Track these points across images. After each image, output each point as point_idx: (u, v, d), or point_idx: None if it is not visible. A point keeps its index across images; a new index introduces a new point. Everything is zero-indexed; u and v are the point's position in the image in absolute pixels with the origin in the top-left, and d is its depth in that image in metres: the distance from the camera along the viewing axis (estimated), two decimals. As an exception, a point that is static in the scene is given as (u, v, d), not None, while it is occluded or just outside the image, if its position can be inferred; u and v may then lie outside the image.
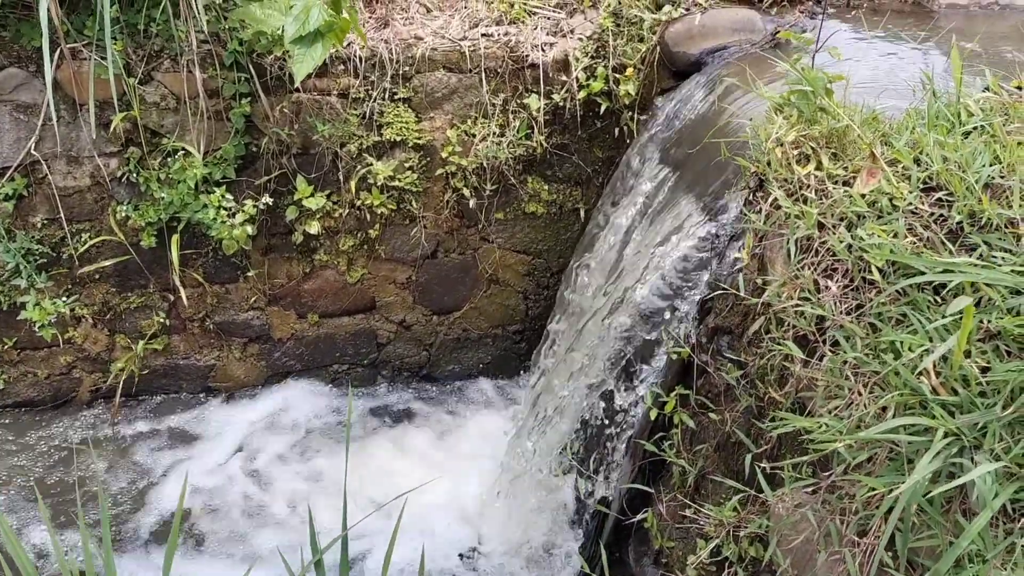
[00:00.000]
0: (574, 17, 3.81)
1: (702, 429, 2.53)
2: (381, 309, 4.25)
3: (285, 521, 3.63)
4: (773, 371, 2.12)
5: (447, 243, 4.11)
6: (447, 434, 4.12)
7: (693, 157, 2.94)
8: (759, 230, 2.21)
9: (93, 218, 3.69)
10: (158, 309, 3.93)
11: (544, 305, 4.32)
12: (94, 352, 3.96)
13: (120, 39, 3.41)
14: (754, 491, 2.10)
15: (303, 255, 3.98)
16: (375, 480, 3.75)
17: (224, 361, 4.16)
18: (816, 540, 1.86)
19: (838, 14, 3.46)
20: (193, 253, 3.81)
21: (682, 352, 2.54)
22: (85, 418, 4.02)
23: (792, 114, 2.23)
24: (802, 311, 1.98)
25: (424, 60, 3.68)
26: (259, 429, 4.07)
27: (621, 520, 2.84)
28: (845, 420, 1.81)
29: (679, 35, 3.35)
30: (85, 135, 3.52)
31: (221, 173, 3.62)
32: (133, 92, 3.42)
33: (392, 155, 3.81)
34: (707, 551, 2.21)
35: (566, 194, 4.03)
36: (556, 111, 3.78)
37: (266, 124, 3.62)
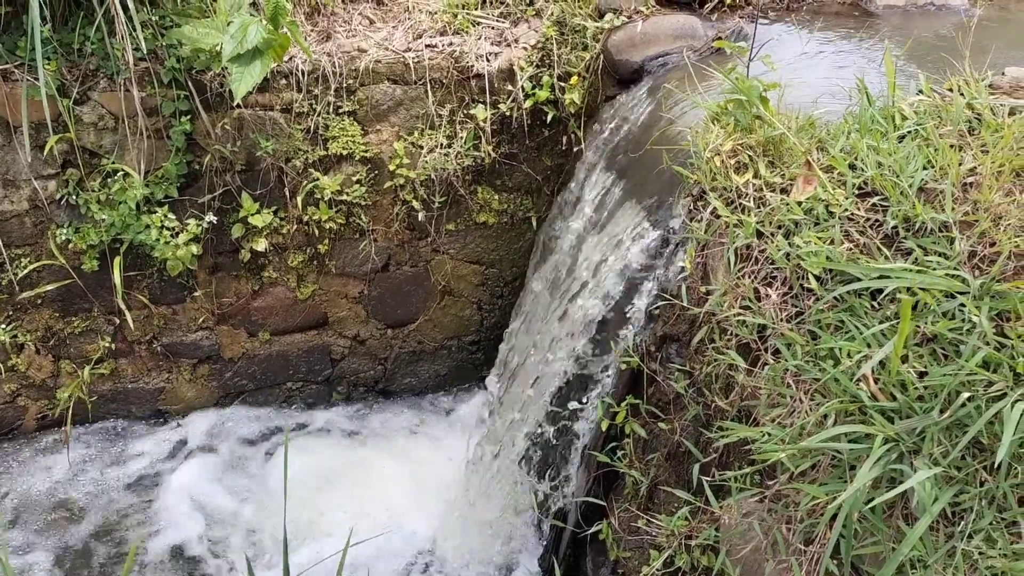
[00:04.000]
0: (518, 26, 3.80)
1: (653, 438, 2.53)
2: (334, 324, 4.20)
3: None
4: (719, 380, 2.13)
5: (399, 256, 4.08)
6: (404, 449, 4.08)
7: (637, 165, 2.95)
8: (701, 239, 2.22)
9: (33, 242, 3.60)
10: (103, 333, 3.84)
11: (499, 315, 4.30)
12: (39, 379, 3.86)
13: (54, 59, 3.32)
14: (703, 502, 2.10)
15: (251, 273, 3.92)
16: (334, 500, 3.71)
17: (174, 383, 4.08)
18: (764, 549, 1.87)
19: (779, 17, 3.49)
20: (137, 275, 3.73)
21: (631, 361, 2.54)
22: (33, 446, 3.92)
23: (729, 123, 2.24)
24: (744, 320, 1.98)
25: (368, 72, 3.65)
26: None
27: (577, 532, 2.83)
28: (788, 428, 1.82)
29: (622, 43, 3.35)
30: (21, 158, 3.43)
31: (163, 192, 3.55)
32: (69, 113, 3.34)
33: (339, 169, 3.77)
34: (660, 561, 2.21)
35: (517, 203, 4.02)
36: (503, 121, 3.77)
37: (208, 141, 3.56)
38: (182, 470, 3.88)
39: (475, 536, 3.51)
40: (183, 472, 3.87)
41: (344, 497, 3.75)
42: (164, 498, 3.76)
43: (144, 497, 3.77)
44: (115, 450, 3.97)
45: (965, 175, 1.95)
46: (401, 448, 4.07)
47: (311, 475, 3.84)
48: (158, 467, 3.91)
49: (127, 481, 3.83)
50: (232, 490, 3.83)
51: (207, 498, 3.77)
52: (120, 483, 3.82)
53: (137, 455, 3.96)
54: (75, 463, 3.87)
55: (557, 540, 3.08)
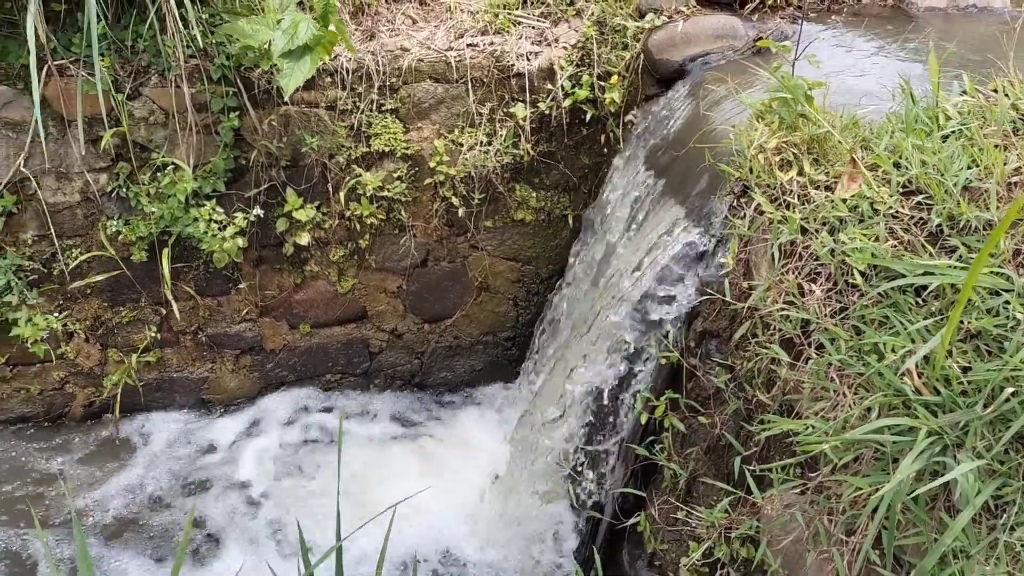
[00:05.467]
0: (558, 26, 3.84)
1: (692, 432, 2.56)
2: (373, 318, 4.27)
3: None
4: (760, 374, 2.16)
5: (437, 251, 4.14)
6: (440, 441, 4.14)
7: (678, 163, 2.98)
8: (744, 235, 2.25)
9: (84, 233, 3.70)
10: (150, 323, 3.94)
11: (535, 311, 4.35)
12: (87, 367, 3.97)
13: (107, 55, 3.42)
14: (744, 493, 2.13)
15: (294, 266, 4.00)
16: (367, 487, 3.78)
17: (217, 373, 4.17)
18: (805, 540, 1.90)
19: (819, 18, 3.51)
20: (184, 266, 3.83)
21: (671, 356, 2.58)
22: (80, 433, 4.03)
23: (773, 121, 2.27)
24: (787, 315, 2.02)
25: (411, 71, 3.71)
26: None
27: (615, 524, 2.87)
28: (831, 421, 1.85)
29: (662, 43, 3.39)
30: (74, 151, 3.53)
31: (211, 186, 3.64)
32: (121, 108, 3.43)
33: (381, 166, 3.84)
34: (699, 553, 2.24)
35: (554, 201, 4.06)
36: (542, 119, 3.81)
37: (255, 137, 3.64)
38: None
39: (510, 527, 3.55)
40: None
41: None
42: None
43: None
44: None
45: (1010, 174, 1.97)
46: (441, 438, 4.13)
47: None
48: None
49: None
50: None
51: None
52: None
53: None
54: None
55: (593, 533, 3.12)
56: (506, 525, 3.46)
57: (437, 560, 3.51)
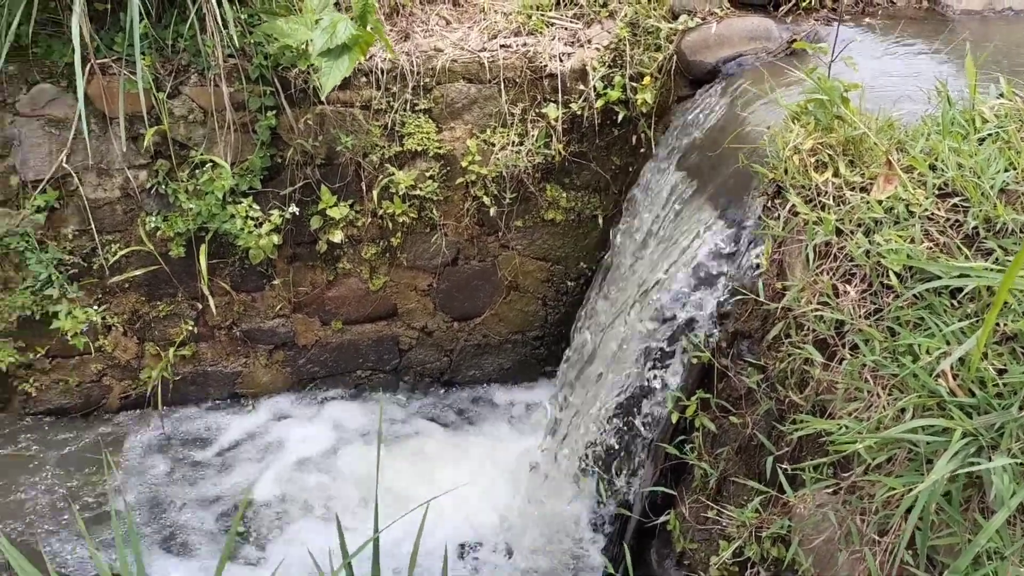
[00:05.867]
0: (591, 27, 3.87)
1: (723, 432, 2.57)
2: (403, 316, 4.31)
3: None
4: (793, 375, 2.17)
5: (467, 250, 4.17)
6: (467, 438, 4.18)
7: (710, 164, 2.99)
8: (778, 236, 2.26)
9: (123, 229, 3.78)
10: (186, 317, 4.01)
11: (564, 311, 4.37)
12: (124, 360, 4.05)
13: (148, 54, 3.49)
14: (775, 492, 2.14)
15: (327, 263, 4.05)
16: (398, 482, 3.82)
17: (251, 368, 4.24)
18: (837, 539, 1.91)
19: (853, 20, 3.50)
20: (220, 262, 3.89)
21: (702, 356, 2.59)
22: (117, 425, 4.11)
23: (809, 122, 2.28)
24: (821, 315, 2.03)
25: (444, 71, 3.75)
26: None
27: (643, 522, 2.89)
28: (864, 422, 1.85)
29: (695, 44, 3.40)
30: (115, 148, 3.61)
31: (247, 184, 3.70)
32: (162, 106, 3.50)
33: (413, 165, 3.88)
34: (730, 551, 2.26)
35: (584, 201, 4.08)
36: (574, 120, 3.84)
37: (291, 136, 3.70)
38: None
39: (538, 523, 3.58)
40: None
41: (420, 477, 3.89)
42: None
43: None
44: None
45: (1048, 177, 1.96)
46: (471, 436, 4.17)
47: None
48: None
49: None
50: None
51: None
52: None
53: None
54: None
55: (620, 531, 3.14)
56: (535, 521, 3.49)
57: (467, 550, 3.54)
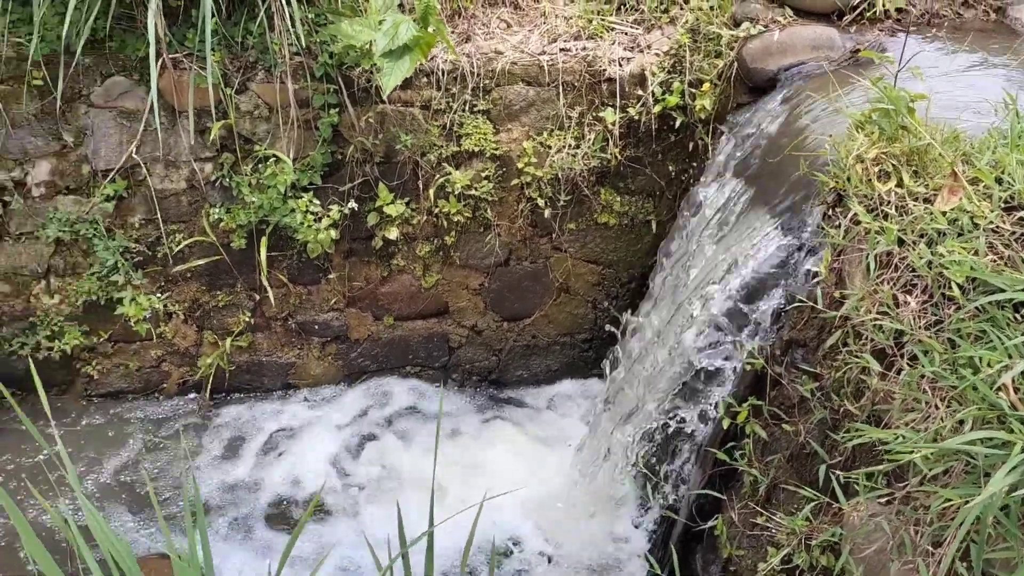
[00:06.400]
0: (651, 33, 3.88)
1: (774, 440, 2.57)
2: (454, 314, 4.37)
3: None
4: (849, 384, 2.17)
5: (520, 251, 4.21)
6: (514, 435, 4.22)
7: (768, 172, 2.99)
8: (838, 244, 2.26)
9: (187, 219, 3.89)
10: (244, 308, 4.11)
11: (613, 315, 4.39)
12: (183, 347, 4.16)
13: (218, 51, 3.59)
14: (828, 499, 2.14)
15: (382, 259, 4.12)
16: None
17: (304, 360, 4.33)
18: (889, 550, 1.90)
19: (918, 32, 3.46)
20: (279, 255, 3.99)
21: (756, 364, 2.59)
22: (176, 409, 4.24)
23: (873, 131, 2.27)
24: (880, 325, 2.02)
25: (504, 73, 3.79)
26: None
27: (690, 527, 2.89)
28: (921, 433, 1.85)
29: (757, 51, 3.40)
30: (183, 141, 3.72)
31: (308, 179, 3.78)
32: (229, 101, 3.60)
33: (470, 165, 3.93)
34: (778, 558, 2.26)
35: (638, 206, 4.10)
36: (631, 124, 3.86)
37: (352, 133, 3.77)
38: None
39: (582, 526, 3.60)
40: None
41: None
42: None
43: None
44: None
45: (1119, 193, 1.94)
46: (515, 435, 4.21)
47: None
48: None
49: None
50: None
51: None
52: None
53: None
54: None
55: (665, 535, 3.15)
56: (579, 520, 3.51)
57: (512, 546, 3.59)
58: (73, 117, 3.68)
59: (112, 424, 4.13)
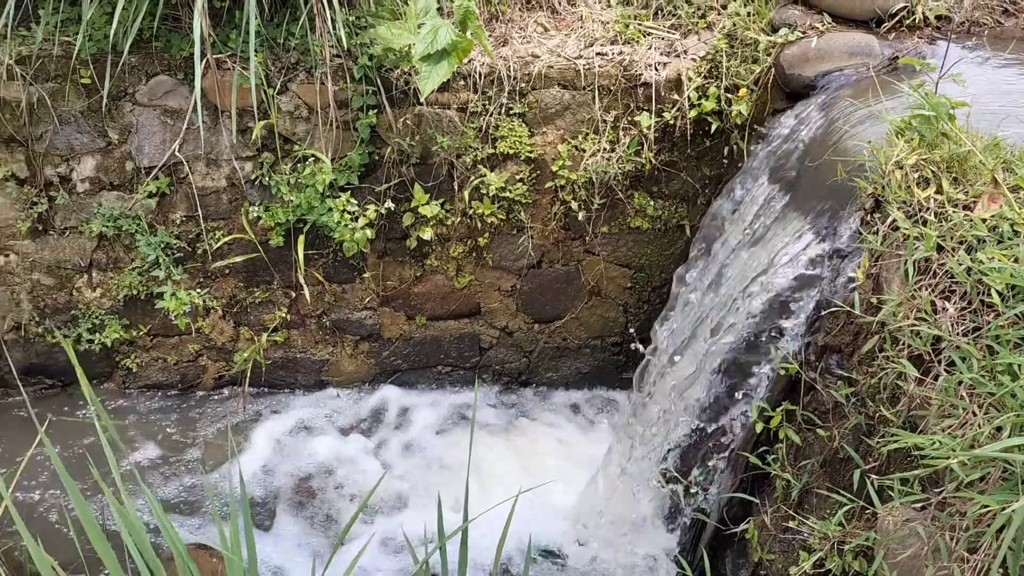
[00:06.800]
0: (688, 38, 3.89)
1: (807, 445, 2.57)
2: (485, 315, 4.40)
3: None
4: (885, 389, 2.17)
5: (552, 254, 4.24)
6: (543, 436, 4.24)
7: (804, 178, 2.99)
8: (875, 250, 2.26)
9: (227, 217, 3.96)
10: (280, 305, 4.18)
11: (644, 319, 4.40)
12: (220, 342, 4.24)
13: (260, 51, 3.66)
14: (863, 504, 2.14)
15: (415, 260, 4.17)
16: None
17: (337, 357, 4.39)
18: (924, 555, 1.90)
19: (958, 40, 3.45)
20: (315, 253, 4.04)
21: (790, 369, 2.60)
22: (213, 402, 4.31)
23: (913, 138, 2.28)
24: (918, 331, 2.02)
25: (540, 77, 3.83)
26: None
27: (721, 530, 2.90)
28: (959, 439, 1.85)
29: (794, 58, 3.40)
30: (224, 139, 3.79)
31: (345, 179, 3.84)
32: (271, 101, 3.67)
33: (504, 167, 3.97)
34: (810, 563, 2.26)
35: (671, 210, 4.11)
36: (666, 129, 3.87)
37: (389, 134, 3.82)
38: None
39: (611, 523, 3.62)
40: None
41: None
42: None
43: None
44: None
45: None
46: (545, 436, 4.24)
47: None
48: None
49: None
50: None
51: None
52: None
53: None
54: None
55: (695, 538, 3.16)
56: (608, 520, 3.53)
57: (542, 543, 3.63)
58: (118, 115, 3.77)
59: (150, 416, 4.21)
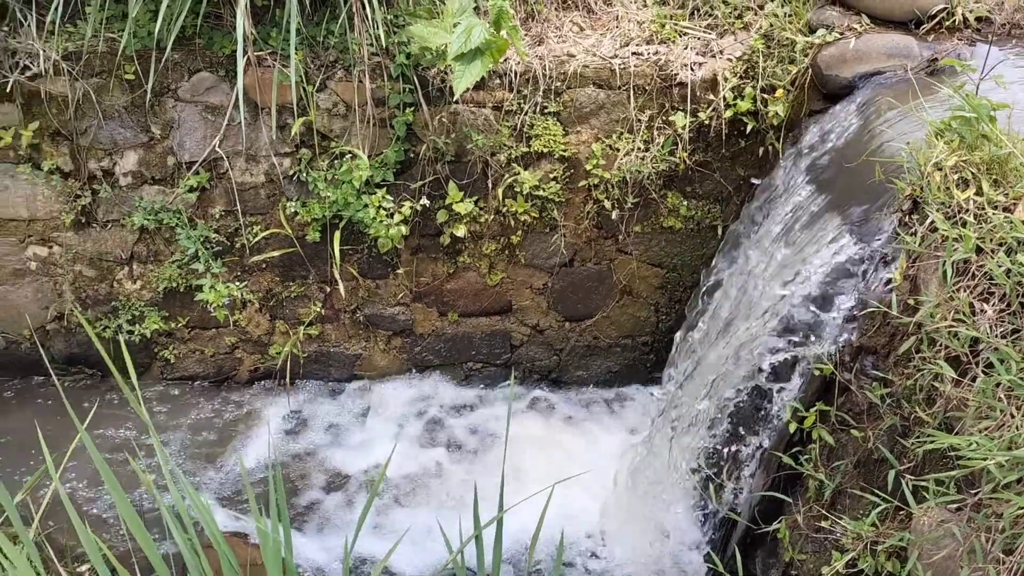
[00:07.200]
0: (724, 38, 3.89)
1: (840, 445, 2.57)
2: (516, 312, 4.43)
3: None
4: (921, 391, 2.17)
5: (584, 252, 4.26)
6: (572, 432, 4.26)
7: (842, 178, 2.99)
8: (913, 251, 2.26)
9: (265, 212, 4.03)
10: (315, 299, 4.24)
11: (675, 318, 4.40)
12: (256, 335, 4.30)
13: (300, 49, 3.71)
14: (897, 505, 2.14)
15: (448, 256, 4.21)
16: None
17: (370, 352, 4.44)
18: (959, 556, 1.90)
19: (999, 42, 3.42)
20: (351, 249, 4.10)
21: (824, 369, 2.60)
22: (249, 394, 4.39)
23: (953, 139, 2.27)
24: (956, 332, 2.02)
25: (575, 76, 3.85)
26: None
27: (753, 530, 2.90)
28: (996, 440, 1.85)
29: (832, 59, 3.39)
30: (263, 136, 3.85)
31: (381, 176, 3.88)
32: (310, 99, 3.72)
33: (538, 166, 3.99)
34: (843, 562, 2.26)
35: (705, 211, 4.11)
36: (701, 129, 3.88)
37: (425, 132, 3.87)
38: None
39: (638, 527, 3.63)
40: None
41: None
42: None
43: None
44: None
45: None
46: (574, 433, 4.26)
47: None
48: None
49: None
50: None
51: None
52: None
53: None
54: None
55: (725, 537, 3.16)
56: (637, 517, 3.54)
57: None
58: (161, 111, 3.84)
59: (188, 407, 4.28)
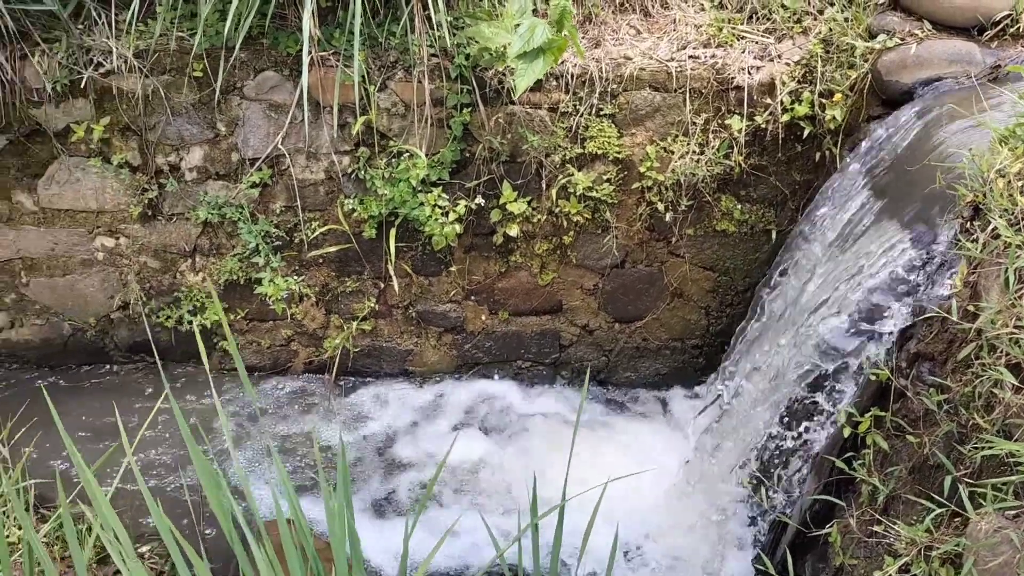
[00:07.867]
0: (782, 42, 3.89)
1: (895, 451, 2.57)
2: (567, 312, 4.47)
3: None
4: (980, 397, 2.16)
5: (636, 254, 4.28)
6: (621, 432, 4.28)
7: (901, 185, 2.98)
8: (974, 258, 2.25)
9: (323, 208, 4.12)
10: (369, 295, 4.32)
11: (726, 322, 4.40)
12: (311, 328, 4.40)
13: (362, 50, 3.80)
14: (954, 510, 2.14)
15: (500, 255, 4.26)
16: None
17: (421, 348, 4.51)
18: (1016, 563, 1.89)
19: (1065, 48, 3.38)
20: (405, 246, 4.17)
21: (880, 375, 2.59)
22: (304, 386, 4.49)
23: (1017, 146, 2.26)
24: (1017, 339, 2.01)
25: (631, 79, 3.87)
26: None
27: (804, 533, 2.90)
28: (1057, 448, 1.84)
29: (892, 64, 3.37)
30: (324, 134, 3.94)
31: (437, 175, 3.95)
32: (370, 98, 3.80)
33: (592, 167, 4.03)
34: (895, 568, 2.26)
35: (759, 215, 4.11)
36: (757, 133, 3.87)
37: (481, 132, 3.92)
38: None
39: (686, 529, 3.64)
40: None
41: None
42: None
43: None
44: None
45: None
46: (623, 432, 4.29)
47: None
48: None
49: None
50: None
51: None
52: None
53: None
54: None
55: (775, 540, 3.17)
56: (687, 519, 3.56)
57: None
58: (227, 108, 3.96)
59: (245, 397, 4.40)
